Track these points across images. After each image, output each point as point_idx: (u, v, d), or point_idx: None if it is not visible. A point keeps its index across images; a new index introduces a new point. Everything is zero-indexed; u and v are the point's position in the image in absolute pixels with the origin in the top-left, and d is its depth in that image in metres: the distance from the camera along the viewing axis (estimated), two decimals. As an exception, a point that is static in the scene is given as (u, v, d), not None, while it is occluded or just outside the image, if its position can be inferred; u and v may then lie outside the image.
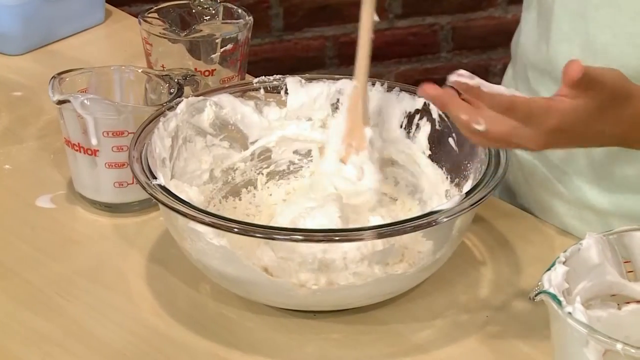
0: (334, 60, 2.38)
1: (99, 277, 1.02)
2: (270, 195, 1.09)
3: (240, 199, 1.09)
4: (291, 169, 1.11)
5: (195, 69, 1.21)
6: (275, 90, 1.10)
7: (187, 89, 1.11)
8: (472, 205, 0.92)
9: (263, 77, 1.10)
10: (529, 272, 1.02)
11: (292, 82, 1.09)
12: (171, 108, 1.05)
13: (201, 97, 1.07)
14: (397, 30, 2.42)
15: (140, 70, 1.14)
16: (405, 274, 0.94)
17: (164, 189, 0.94)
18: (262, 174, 1.10)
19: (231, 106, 1.08)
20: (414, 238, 0.98)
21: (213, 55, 1.23)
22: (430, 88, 0.87)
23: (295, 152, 1.11)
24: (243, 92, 1.10)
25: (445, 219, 0.91)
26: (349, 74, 1.08)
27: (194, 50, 1.23)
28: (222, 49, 1.23)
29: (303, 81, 1.10)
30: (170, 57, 1.23)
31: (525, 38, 1.14)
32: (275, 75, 1.10)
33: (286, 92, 1.09)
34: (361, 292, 0.94)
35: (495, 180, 0.95)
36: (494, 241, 1.07)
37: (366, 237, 0.90)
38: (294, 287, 0.92)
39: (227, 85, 1.14)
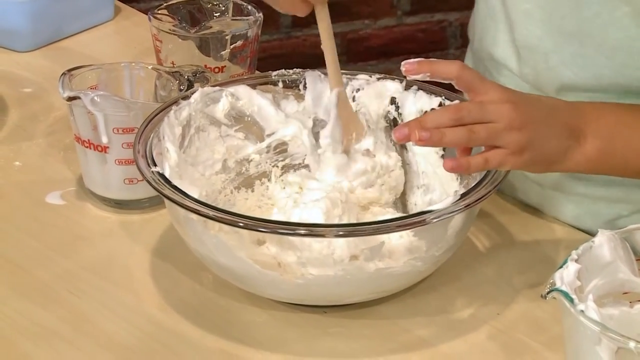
0: (341, 57, 2.36)
1: (108, 274, 1.01)
2: (284, 188, 1.07)
3: (252, 191, 1.08)
4: (306, 162, 1.09)
5: (205, 65, 1.20)
6: (293, 84, 1.09)
7: (196, 86, 1.10)
8: (466, 206, 0.91)
9: (282, 70, 1.09)
10: (537, 269, 1.02)
11: (311, 76, 1.08)
12: (185, 97, 1.04)
13: (217, 88, 1.06)
14: (405, 27, 2.41)
15: (150, 67, 1.14)
16: (398, 272, 0.93)
17: (162, 176, 0.93)
18: (277, 166, 1.09)
19: (248, 98, 1.07)
20: (406, 237, 0.95)
21: (223, 52, 1.22)
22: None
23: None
24: (261, 84, 1.08)
25: (435, 220, 0.89)
26: (357, 69, 1.08)
27: (204, 47, 1.22)
28: (231, 46, 1.22)
29: (322, 76, 1.08)
30: (180, 53, 1.22)
31: (482, 28, 1.13)
32: (294, 69, 1.09)
33: (304, 87, 1.08)
34: (353, 288, 0.93)
35: (494, 182, 0.93)
36: (501, 238, 1.07)
37: (347, 233, 0.89)
38: (284, 279, 0.91)
39: (245, 77, 1.12)
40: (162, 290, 0.99)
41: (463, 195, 0.92)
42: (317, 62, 1.08)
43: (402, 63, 0.94)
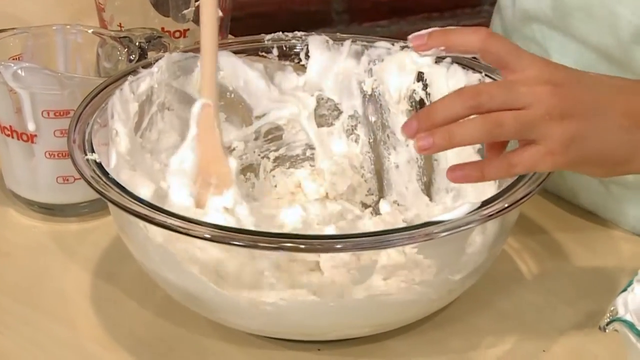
0: (343, 16, 2.37)
1: (35, 300, 1.02)
2: (275, 186, 1.08)
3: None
4: (307, 154, 1.10)
5: (163, 28, 1.22)
6: (292, 51, 1.10)
7: (151, 55, 1.10)
8: (489, 216, 0.88)
9: (279, 33, 1.09)
10: (594, 292, 1.02)
11: (317, 42, 1.09)
12: (147, 65, 1.04)
13: (190, 54, 1.06)
14: (425, -24, 2.42)
15: (90, 31, 1.14)
16: (399, 301, 0.91)
17: (99, 167, 0.92)
18: (268, 158, 1.10)
19: (232, 68, 1.08)
20: (409, 255, 0.92)
21: (185, 11, 1.23)
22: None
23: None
24: (249, 51, 1.09)
25: (444, 234, 0.87)
26: (363, 33, 1.09)
27: (161, 4, 1.23)
28: (197, 2, 1.21)
29: (331, 42, 1.09)
30: (130, 13, 1.23)
31: None
32: (295, 32, 1.09)
33: (307, 56, 1.09)
34: (338, 319, 0.92)
35: (532, 184, 0.91)
36: (547, 252, 1.07)
37: (333, 248, 0.87)
38: (249, 304, 0.90)
39: (229, 41, 1.12)
40: (105, 320, 0.99)
41: (485, 203, 0.90)
42: (308, 23, 1.08)
43: (409, 38, 0.93)
